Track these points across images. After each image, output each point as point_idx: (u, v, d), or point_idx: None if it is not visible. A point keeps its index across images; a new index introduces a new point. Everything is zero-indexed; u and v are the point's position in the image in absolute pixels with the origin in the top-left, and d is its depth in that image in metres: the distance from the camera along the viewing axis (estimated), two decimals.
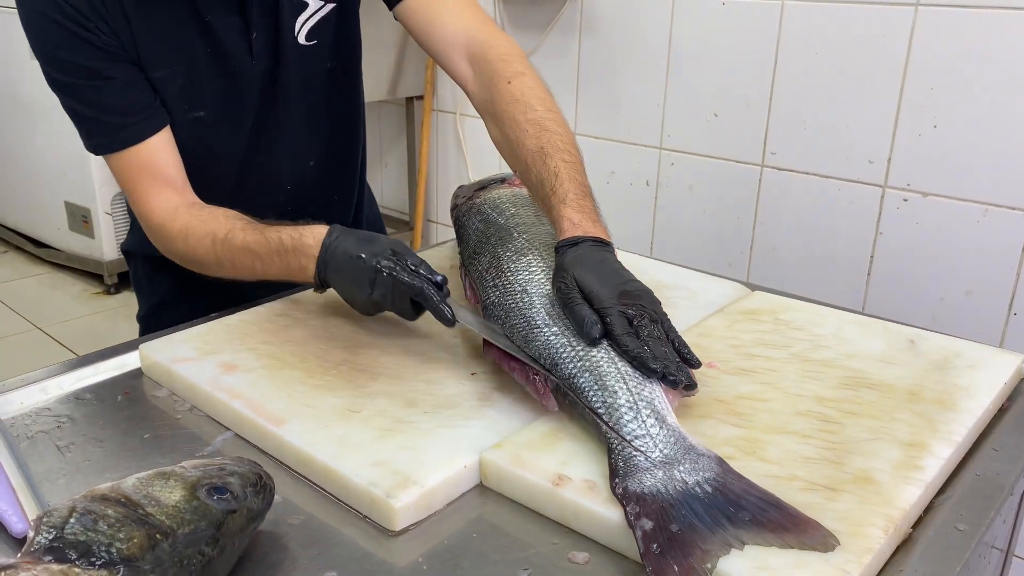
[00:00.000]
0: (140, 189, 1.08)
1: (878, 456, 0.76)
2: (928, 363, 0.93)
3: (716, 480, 0.69)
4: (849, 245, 1.85)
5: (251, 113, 1.15)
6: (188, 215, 1.06)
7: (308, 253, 0.95)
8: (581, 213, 0.92)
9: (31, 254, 3.63)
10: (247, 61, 1.11)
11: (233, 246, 1.01)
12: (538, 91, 1.05)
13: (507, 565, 0.67)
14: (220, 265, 1.04)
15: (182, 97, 1.09)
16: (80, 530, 0.55)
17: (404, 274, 0.89)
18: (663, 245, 2.18)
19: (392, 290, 0.90)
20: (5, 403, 0.89)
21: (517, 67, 1.06)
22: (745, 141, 1.96)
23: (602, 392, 0.78)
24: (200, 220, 1.05)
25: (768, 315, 1.04)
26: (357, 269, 0.91)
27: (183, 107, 1.10)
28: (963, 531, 0.70)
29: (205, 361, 0.93)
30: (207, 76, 1.10)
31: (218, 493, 0.63)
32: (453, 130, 2.66)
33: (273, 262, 0.98)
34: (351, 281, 0.92)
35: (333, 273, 0.93)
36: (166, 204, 1.07)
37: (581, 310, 0.83)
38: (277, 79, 1.14)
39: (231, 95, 1.12)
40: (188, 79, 1.09)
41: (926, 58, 1.67)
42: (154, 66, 1.06)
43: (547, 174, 0.96)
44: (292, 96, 1.17)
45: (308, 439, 0.79)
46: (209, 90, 1.11)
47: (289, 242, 0.96)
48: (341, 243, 0.93)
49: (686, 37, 2.01)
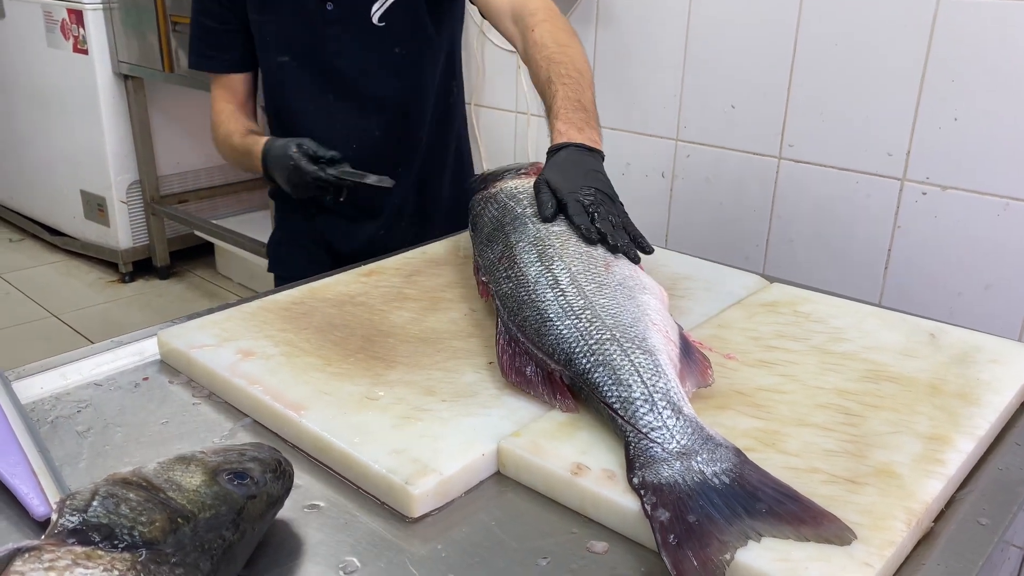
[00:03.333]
0: (216, 92, 1.47)
1: (899, 449, 0.75)
2: (949, 357, 0.92)
3: (733, 471, 0.69)
4: (867, 239, 1.83)
5: (325, 73, 1.37)
6: (225, 116, 1.44)
7: (257, 155, 1.32)
8: (567, 124, 1.06)
9: (47, 242, 3.65)
10: (319, 24, 1.34)
11: (230, 143, 1.41)
12: (556, 34, 1.20)
13: (525, 553, 0.67)
14: (228, 155, 1.45)
15: (272, 40, 1.38)
16: (103, 513, 0.55)
17: (304, 161, 1.23)
18: (678, 237, 2.17)
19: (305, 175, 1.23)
20: (26, 388, 0.89)
21: (540, 16, 1.22)
22: (762, 133, 1.95)
23: (617, 386, 0.78)
24: (227, 120, 1.43)
25: (787, 307, 1.04)
26: (278, 163, 1.27)
27: (273, 49, 1.38)
28: (985, 525, 0.69)
29: (223, 348, 0.93)
30: (292, 29, 1.35)
31: (238, 478, 0.64)
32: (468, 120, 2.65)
33: (247, 159, 1.37)
34: (278, 171, 1.28)
35: (270, 168, 1.30)
36: (221, 104, 1.46)
37: (542, 196, 0.99)
38: (350, 50, 1.35)
39: (312, 52, 1.36)
40: (276, 27, 1.36)
41: (947, 50, 1.65)
42: (254, 9, 1.37)
43: (548, 98, 1.12)
44: (363, 68, 1.37)
45: (327, 426, 0.79)
46: (293, 41, 1.37)
47: (250, 146, 1.35)
48: (272, 146, 1.29)
49: (703, 27, 2.00)
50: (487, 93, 2.54)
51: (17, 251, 3.67)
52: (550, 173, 1.01)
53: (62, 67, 3.22)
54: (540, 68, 1.16)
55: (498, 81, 1.15)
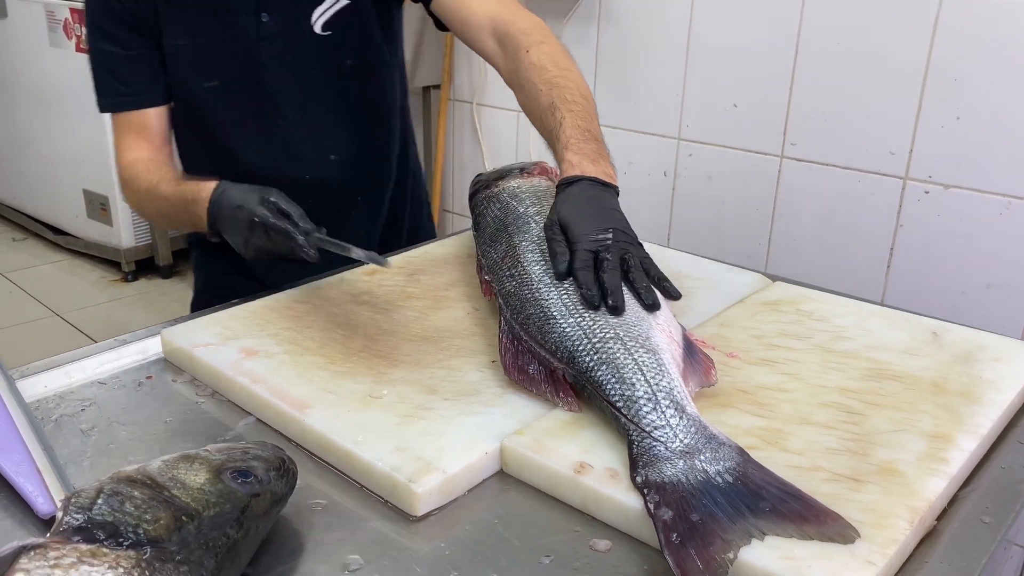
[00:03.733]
0: (121, 145, 1.22)
1: (902, 448, 0.75)
2: (952, 355, 0.92)
3: (737, 470, 0.69)
4: (869, 237, 1.83)
5: (266, 93, 1.21)
6: (142, 165, 1.19)
7: (202, 206, 1.05)
8: (580, 155, 0.98)
9: (50, 241, 3.66)
10: (255, 43, 1.18)
11: (158, 195, 1.14)
12: (555, 56, 1.12)
13: (529, 551, 0.67)
14: (151, 212, 1.22)
15: (197, 65, 1.19)
16: (108, 511, 0.55)
17: (272, 219, 0.97)
18: (681, 236, 2.17)
19: (267, 238, 0.98)
20: (30, 386, 0.89)
21: (536, 37, 1.14)
22: (765, 132, 1.94)
23: (620, 385, 0.78)
24: (147, 171, 1.17)
25: (790, 306, 1.04)
26: (235, 219, 1.00)
27: (200, 74, 1.19)
28: (988, 524, 0.69)
29: (226, 346, 0.93)
30: (220, 50, 1.18)
31: (242, 476, 0.64)
32: (470, 119, 2.66)
33: (184, 212, 1.10)
34: (233, 229, 1.01)
35: (221, 222, 1.03)
36: (134, 154, 1.20)
37: (556, 247, 0.90)
38: (293, 66, 1.20)
39: (245, 73, 1.19)
40: (201, 50, 1.18)
41: (949, 49, 1.65)
42: (171, 34, 1.17)
43: (553, 125, 1.03)
44: (311, 86, 1.22)
45: (330, 424, 0.79)
46: (222, 63, 1.19)
47: (191, 194, 1.07)
48: (226, 195, 1.03)
49: (706, 26, 2.00)
50: (489, 92, 2.54)
51: (20, 250, 3.68)
52: (564, 210, 0.92)
53: (64, 67, 3.22)
54: (540, 92, 1.07)
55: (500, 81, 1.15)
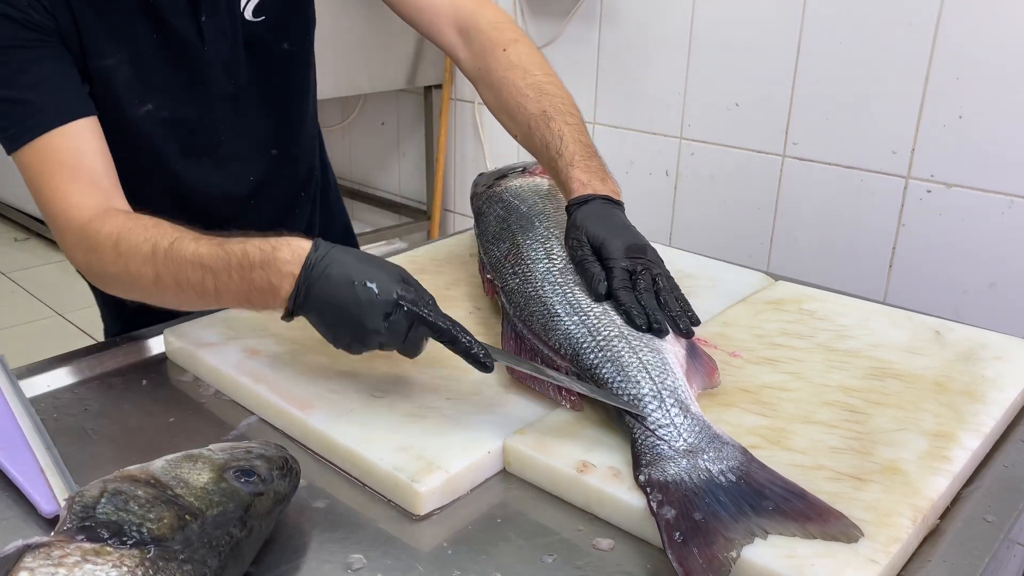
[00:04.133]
0: (54, 184, 0.88)
1: (905, 446, 0.75)
2: (954, 354, 0.92)
3: (740, 469, 0.69)
4: (871, 236, 1.83)
5: (208, 102, 1.05)
6: (123, 218, 0.88)
7: (283, 270, 0.76)
8: (589, 173, 0.94)
9: (52, 241, 3.65)
10: (199, 47, 1.01)
11: (180, 257, 0.81)
12: (535, 56, 1.07)
13: (532, 550, 0.67)
14: (158, 281, 0.83)
15: (129, 88, 0.98)
16: (111, 510, 0.56)
17: (426, 310, 0.75)
18: (682, 236, 2.17)
19: (408, 328, 0.75)
20: (33, 386, 0.90)
21: (510, 35, 1.08)
22: (766, 131, 1.94)
23: (625, 383, 0.78)
24: (139, 225, 0.86)
25: (792, 305, 1.04)
26: (366, 302, 0.74)
27: (132, 100, 0.99)
28: (991, 523, 0.69)
29: (229, 346, 0.93)
30: (156, 64, 1.00)
31: (245, 476, 0.64)
32: (471, 119, 2.66)
33: (232, 280, 0.79)
34: (351, 315, 0.75)
35: (323, 300, 0.76)
36: (91, 203, 0.88)
37: (592, 267, 0.87)
38: (231, 62, 1.05)
39: (186, 83, 1.02)
40: (134, 68, 0.98)
41: (952, 47, 1.65)
42: (99, 54, 0.95)
43: (551, 137, 0.97)
44: (247, 80, 1.07)
45: (333, 424, 0.79)
46: (159, 79, 1.00)
47: (257, 254, 0.78)
48: (337, 264, 0.76)
49: (707, 25, 2.00)
50: None
51: (23, 250, 3.68)
52: (592, 228, 0.88)
53: None
54: (526, 97, 1.01)
55: None
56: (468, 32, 1.09)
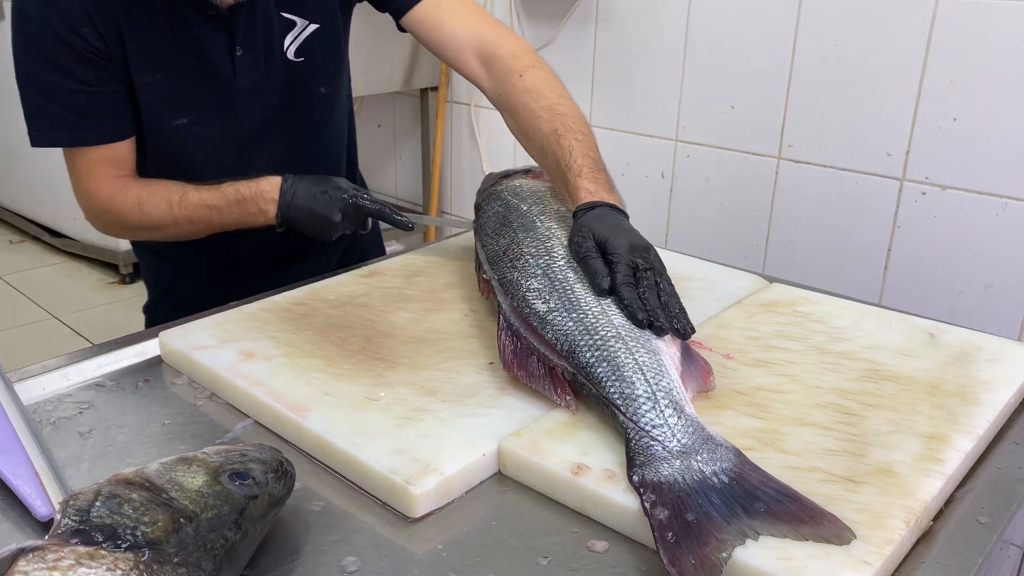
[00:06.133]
0: (93, 176, 1.15)
1: (899, 448, 0.75)
2: (948, 356, 0.92)
3: (733, 471, 0.69)
4: (866, 238, 1.84)
5: (238, 127, 1.19)
6: (139, 186, 1.16)
7: (267, 198, 1.12)
8: (596, 183, 0.98)
9: (47, 244, 3.66)
10: (231, 77, 1.15)
11: (190, 204, 1.14)
12: (550, 80, 1.12)
13: (526, 552, 0.67)
14: (176, 224, 1.15)
15: (165, 102, 1.14)
16: (106, 513, 0.56)
17: (365, 200, 1.12)
18: (678, 238, 2.17)
19: (355, 214, 1.12)
20: (27, 389, 0.89)
21: (528, 61, 1.14)
22: (762, 133, 1.95)
23: (619, 383, 0.78)
24: (152, 188, 1.15)
25: (786, 307, 1.04)
26: (324, 202, 1.11)
27: (167, 112, 1.15)
28: (985, 524, 0.69)
29: (224, 349, 0.93)
30: (192, 86, 1.15)
31: (240, 479, 0.64)
32: (468, 121, 2.66)
33: (232, 212, 1.13)
34: (319, 214, 1.11)
35: (299, 210, 1.11)
36: (114, 181, 1.16)
37: (595, 263, 0.89)
38: (265, 94, 1.18)
39: (218, 107, 1.16)
40: (171, 87, 1.14)
41: (946, 50, 1.65)
42: (140, 71, 1.12)
43: (562, 153, 1.02)
44: (280, 112, 1.20)
45: (328, 427, 0.79)
46: (194, 100, 1.15)
47: (247, 191, 1.12)
48: (300, 186, 1.12)
49: (703, 28, 2.00)
50: None
51: (18, 253, 3.67)
52: (597, 226, 0.91)
53: None
54: (539, 118, 1.07)
55: None
56: (490, 62, 1.16)
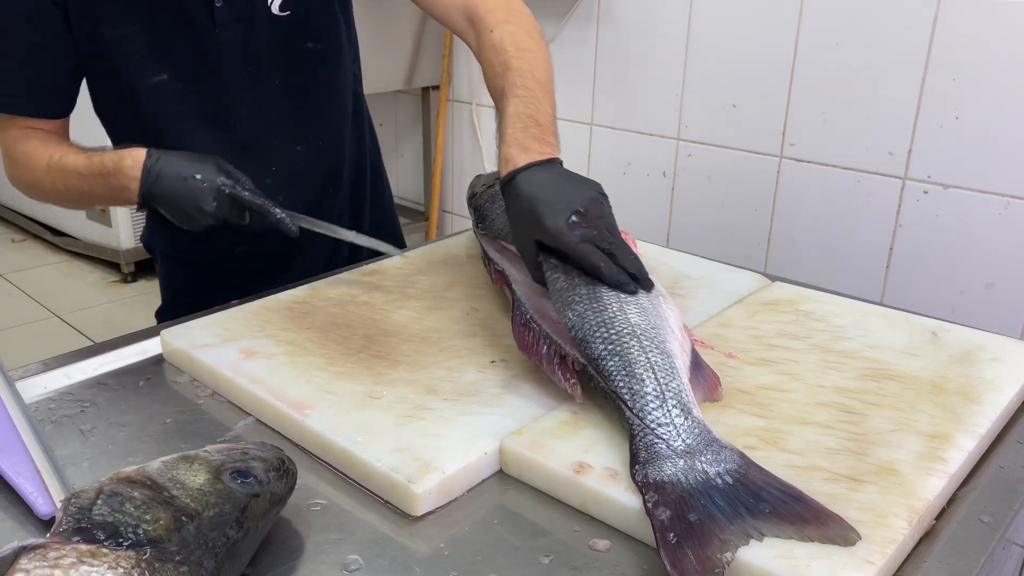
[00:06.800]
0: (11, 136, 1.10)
1: (901, 447, 0.75)
2: (950, 355, 0.92)
3: (738, 472, 0.69)
4: (868, 237, 1.83)
5: (223, 84, 1.11)
6: (35, 140, 1.08)
7: (128, 174, 0.98)
8: (514, 146, 0.91)
9: (49, 242, 3.66)
10: (211, 30, 1.07)
11: (64, 168, 1.04)
12: (516, 34, 1.05)
13: (528, 551, 0.67)
14: (55, 189, 1.07)
15: (144, 57, 1.07)
16: (108, 511, 0.55)
17: (245, 192, 0.98)
18: (680, 236, 2.17)
19: (231, 206, 0.98)
20: (29, 387, 0.89)
21: (500, 16, 1.07)
22: (764, 132, 1.95)
23: (629, 379, 0.77)
24: (43, 145, 1.07)
25: (788, 306, 1.04)
26: (195, 189, 0.96)
27: (146, 68, 1.08)
28: (987, 523, 0.69)
29: (226, 347, 0.93)
30: (170, 39, 1.07)
31: (242, 477, 0.64)
32: (469, 120, 2.66)
33: (97, 184, 1.02)
34: (186, 200, 0.97)
35: (162, 195, 0.98)
36: (27, 137, 1.09)
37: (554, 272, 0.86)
38: (249, 50, 1.10)
39: (199, 63, 1.09)
40: (148, 41, 1.06)
41: (948, 48, 1.65)
42: (113, 22, 1.05)
43: (502, 117, 0.96)
44: (268, 70, 1.12)
45: (329, 425, 0.79)
46: (173, 54, 1.08)
47: (110, 164, 1.00)
48: (167, 165, 0.97)
49: (704, 26, 2.00)
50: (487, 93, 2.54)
51: (19, 251, 3.68)
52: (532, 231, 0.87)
53: None
54: (496, 75, 1.02)
55: None
56: (472, 19, 1.11)
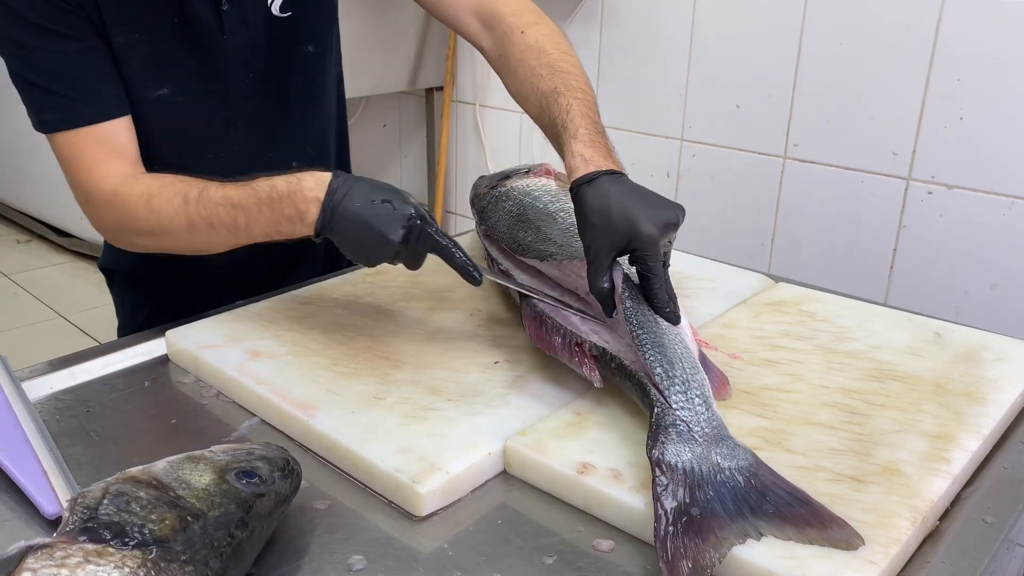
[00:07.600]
0: (89, 160, 0.97)
1: (904, 448, 0.75)
2: (954, 355, 0.92)
3: (749, 470, 0.69)
4: (872, 238, 1.83)
5: (225, 94, 1.06)
6: (150, 178, 0.97)
7: (308, 195, 0.86)
8: (593, 148, 0.89)
9: (54, 243, 3.67)
10: (218, 35, 1.02)
11: (211, 202, 0.91)
12: (553, 36, 1.04)
13: (532, 552, 0.67)
14: (192, 228, 0.93)
15: (144, 69, 1.00)
16: (114, 511, 0.56)
17: (432, 227, 0.86)
18: (683, 237, 2.15)
19: (419, 242, 0.86)
20: (35, 387, 0.90)
21: (530, 17, 1.05)
22: (768, 132, 1.95)
23: (662, 358, 0.77)
24: (166, 181, 0.95)
25: (792, 306, 1.04)
26: (384, 215, 0.84)
27: (146, 82, 1.01)
28: (991, 524, 0.69)
29: (231, 347, 0.93)
30: (174, 48, 1.01)
31: (247, 477, 0.64)
32: (473, 121, 2.66)
33: (262, 213, 0.89)
34: (373, 227, 0.84)
35: (346, 218, 0.85)
36: (120, 171, 0.97)
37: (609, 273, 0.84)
38: (251, 57, 1.06)
39: (203, 73, 1.04)
40: (151, 49, 0.99)
41: (953, 48, 1.65)
42: (117, 31, 0.97)
43: (559, 112, 0.94)
44: (266, 77, 1.08)
45: (334, 425, 0.79)
46: (176, 64, 1.02)
47: (284, 187, 0.88)
48: (356, 186, 0.86)
49: (708, 27, 2.00)
50: (492, 94, 2.54)
51: (24, 252, 3.69)
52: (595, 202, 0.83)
53: None
54: (540, 77, 0.98)
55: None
56: (490, 21, 1.07)
